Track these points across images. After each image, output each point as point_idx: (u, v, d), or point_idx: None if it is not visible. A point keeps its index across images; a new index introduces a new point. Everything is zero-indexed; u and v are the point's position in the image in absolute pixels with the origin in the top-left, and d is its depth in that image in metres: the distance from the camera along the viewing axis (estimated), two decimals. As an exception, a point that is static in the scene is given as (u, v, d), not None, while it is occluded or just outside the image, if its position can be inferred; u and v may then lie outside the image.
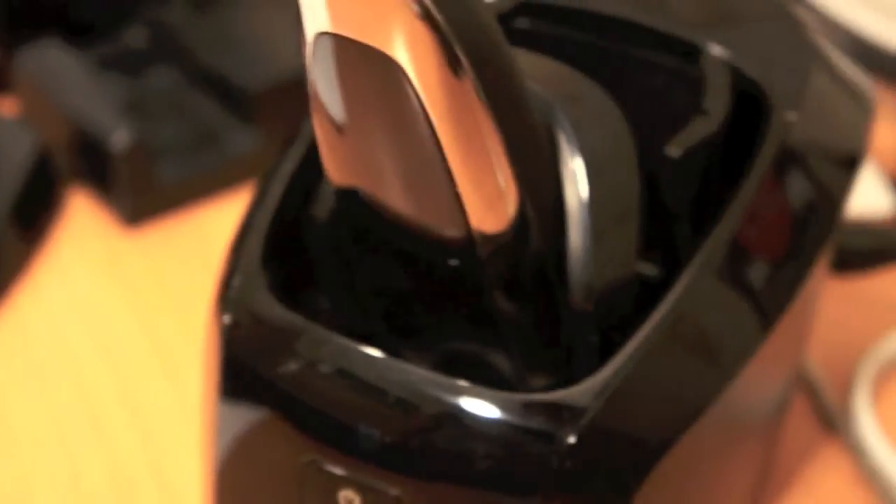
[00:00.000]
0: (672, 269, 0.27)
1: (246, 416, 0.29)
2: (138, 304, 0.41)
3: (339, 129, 0.25)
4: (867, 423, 0.37)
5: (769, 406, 0.32)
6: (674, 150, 0.28)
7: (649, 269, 0.30)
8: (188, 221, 0.45)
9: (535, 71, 0.27)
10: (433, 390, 0.26)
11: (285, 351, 0.27)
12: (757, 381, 0.29)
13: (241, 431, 0.29)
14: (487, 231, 0.25)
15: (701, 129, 0.29)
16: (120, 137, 0.43)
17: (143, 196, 0.44)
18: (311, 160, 0.30)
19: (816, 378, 0.39)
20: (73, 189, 0.46)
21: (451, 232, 0.25)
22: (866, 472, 0.37)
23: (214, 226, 0.45)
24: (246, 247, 0.29)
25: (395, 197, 0.25)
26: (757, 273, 0.28)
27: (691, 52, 0.31)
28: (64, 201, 0.46)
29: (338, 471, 0.27)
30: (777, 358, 0.30)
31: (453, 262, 0.26)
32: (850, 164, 0.31)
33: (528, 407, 0.26)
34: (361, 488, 0.27)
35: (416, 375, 0.26)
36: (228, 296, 0.29)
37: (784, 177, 0.29)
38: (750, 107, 0.30)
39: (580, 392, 0.26)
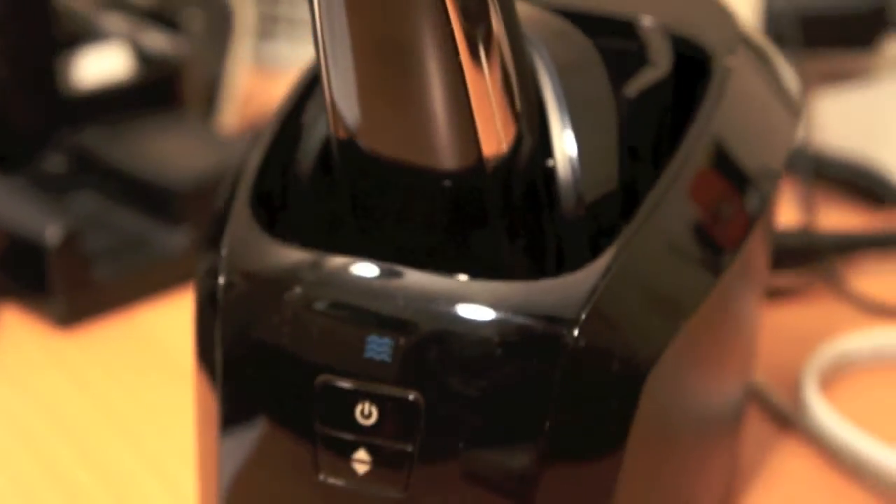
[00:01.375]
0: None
1: (252, 359, 0.28)
2: (71, 405, 0.41)
3: (353, 78, 0.26)
4: (822, 410, 0.38)
5: (734, 394, 0.34)
6: (630, 91, 0.30)
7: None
8: (123, 321, 0.45)
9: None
10: (442, 287, 0.27)
11: (288, 281, 0.28)
12: (734, 299, 0.31)
13: (249, 377, 0.28)
14: (495, 151, 0.27)
15: (650, 75, 0.31)
16: (54, 231, 0.43)
17: (78, 293, 0.44)
18: (285, 133, 0.31)
19: (765, 386, 0.41)
20: (4, 302, 0.46)
21: (458, 157, 0.27)
22: (828, 453, 0.38)
23: (150, 325, 0.45)
24: (233, 206, 0.30)
25: (403, 139, 0.27)
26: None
27: (628, 28, 0.34)
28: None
29: (352, 386, 0.27)
30: (746, 289, 0.32)
31: (447, 183, 0.27)
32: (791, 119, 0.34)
33: (537, 290, 0.27)
34: (377, 399, 0.27)
35: (424, 277, 0.27)
36: (221, 251, 0.29)
37: (731, 113, 0.31)
38: (690, 71, 0.33)
39: (584, 275, 0.27)
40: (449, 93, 0.25)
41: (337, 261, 0.28)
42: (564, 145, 0.28)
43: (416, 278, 0.27)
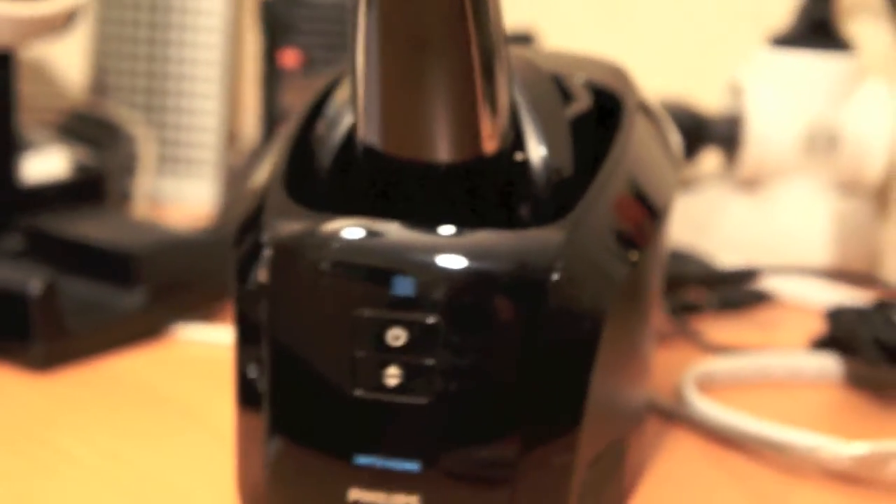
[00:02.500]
0: None
1: (297, 305, 0.36)
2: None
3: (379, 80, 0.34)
4: (701, 401, 0.48)
5: (652, 337, 0.43)
6: (568, 115, 0.40)
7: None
8: (95, 368, 0.51)
9: None
10: (451, 237, 0.35)
11: (327, 241, 0.36)
12: (649, 280, 0.40)
13: (294, 319, 0.36)
14: (491, 144, 0.36)
15: (577, 107, 0.41)
16: (37, 283, 0.49)
17: (56, 341, 0.50)
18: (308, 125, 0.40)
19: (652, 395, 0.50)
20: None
21: (463, 149, 0.35)
22: (706, 434, 0.47)
23: (121, 370, 0.51)
24: (269, 190, 0.38)
25: (421, 138, 0.35)
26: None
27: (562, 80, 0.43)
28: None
29: (384, 315, 0.35)
30: (653, 280, 0.41)
31: (451, 167, 0.36)
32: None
33: (524, 237, 0.35)
34: (404, 324, 0.35)
35: (438, 231, 0.35)
36: (264, 224, 0.37)
37: (639, 137, 0.41)
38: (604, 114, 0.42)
39: (558, 227, 0.36)
40: (461, 98, 0.34)
41: (366, 222, 0.36)
42: (536, 140, 0.37)
43: (430, 232, 0.35)
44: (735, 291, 0.63)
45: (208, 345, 0.55)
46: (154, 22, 0.83)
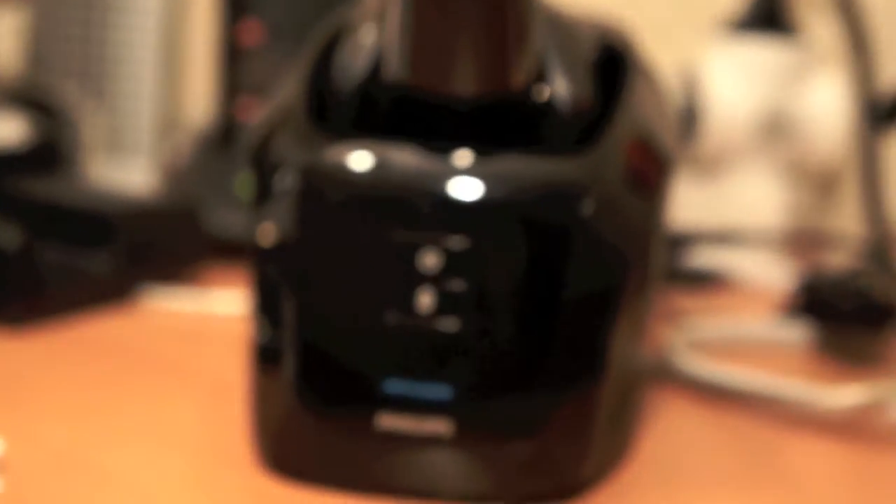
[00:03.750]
0: None
1: (326, 232, 0.35)
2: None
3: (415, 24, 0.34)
4: (694, 360, 0.48)
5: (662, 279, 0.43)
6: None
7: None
8: (72, 328, 0.50)
9: None
10: (483, 158, 0.35)
11: (358, 163, 0.35)
12: (662, 223, 0.40)
13: (323, 247, 0.35)
14: (519, 73, 0.35)
15: (589, 53, 0.41)
16: (14, 238, 0.48)
17: (34, 297, 0.48)
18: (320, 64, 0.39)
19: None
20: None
21: (492, 82, 0.35)
22: (695, 389, 0.47)
23: (93, 331, 0.50)
24: (289, 117, 0.37)
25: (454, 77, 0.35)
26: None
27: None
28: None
29: (417, 239, 0.34)
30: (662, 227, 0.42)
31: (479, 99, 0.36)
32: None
33: (559, 160, 0.36)
34: (439, 249, 0.34)
35: (470, 153, 0.35)
36: (290, 151, 0.36)
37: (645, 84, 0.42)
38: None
39: (591, 149, 0.36)
40: (492, 28, 0.34)
41: (399, 145, 0.35)
42: (560, 74, 0.38)
43: (464, 155, 0.35)
44: (689, 272, 0.65)
45: (185, 306, 0.54)
46: (89, 2, 0.82)
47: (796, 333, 0.55)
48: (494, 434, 0.35)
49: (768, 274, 0.66)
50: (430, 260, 0.34)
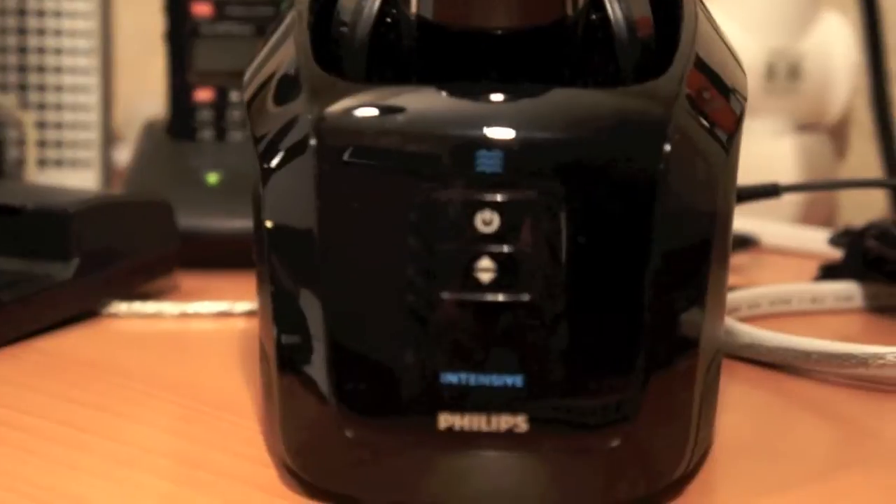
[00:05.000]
0: None
1: (355, 198, 0.29)
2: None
3: None
4: (747, 329, 0.43)
5: None
6: None
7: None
8: (29, 345, 0.43)
9: None
10: (545, 95, 0.29)
11: (390, 111, 0.29)
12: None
13: (353, 217, 0.29)
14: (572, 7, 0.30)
15: None
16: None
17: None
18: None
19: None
20: None
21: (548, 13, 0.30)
22: (760, 363, 0.42)
23: (55, 347, 0.43)
24: (302, 72, 0.31)
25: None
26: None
27: None
28: None
29: (471, 196, 0.28)
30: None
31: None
32: None
33: (626, 92, 0.30)
34: (498, 206, 0.28)
35: (525, 90, 0.29)
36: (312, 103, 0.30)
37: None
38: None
39: (663, 82, 0.30)
40: None
41: (439, 88, 0.29)
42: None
43: (519, 93, 0.29)
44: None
45: (153, 317, 0.47)
46: (24, 9, 0.75)
47: (840, 291, 0.49)
48: (578, 427, 0.29)
49: (792, 236, 0.60)
50: (489, 219, 0.28)
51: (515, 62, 0.31)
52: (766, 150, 0.66)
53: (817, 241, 0.57)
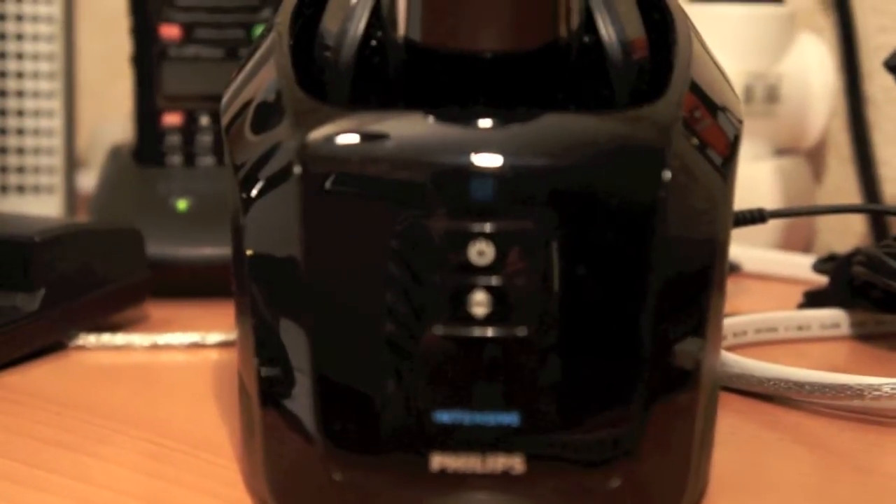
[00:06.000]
0: None
1: (341, 230, 0.28)
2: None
3: None
4: (736, 360, 0.42)
5: None
6: None
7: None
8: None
9: None
10: (539, 121, 0.28)
11: (376, 138, 0.28)
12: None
13: (339, 249, 0.28)
14: (564, 30, 0.30)
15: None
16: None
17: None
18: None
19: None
20: None
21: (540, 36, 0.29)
22: (748, 393, 0.40)
23: (19, 382, 0.41)
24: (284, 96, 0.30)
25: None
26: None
27: None
28: None
29: (463, 227, 0.27)
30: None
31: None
32: None
33: (626, 118, 0.29)
34: (491, 236, 0.27)
35: (518, 116, 0.28)
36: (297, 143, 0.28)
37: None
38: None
39: (661, 106, 0.29)
40: None
41: (420, 114, 0.28)
42: (608, 18, 0.30)
43: (512, 119, 0.28)
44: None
45: (122, 349, 0.46)
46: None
47: (826, 319, 0.49)
48: (576, 466, 0.27)
49: (773, 262, 0.60)
50: (482, 250, 0.27)
51: (506, 86, 0.30)
52: (745, 173, 0.65)
53: (800, 266, 0.56)
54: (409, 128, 0.28)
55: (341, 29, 0.31)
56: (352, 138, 0.28)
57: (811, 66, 0.64)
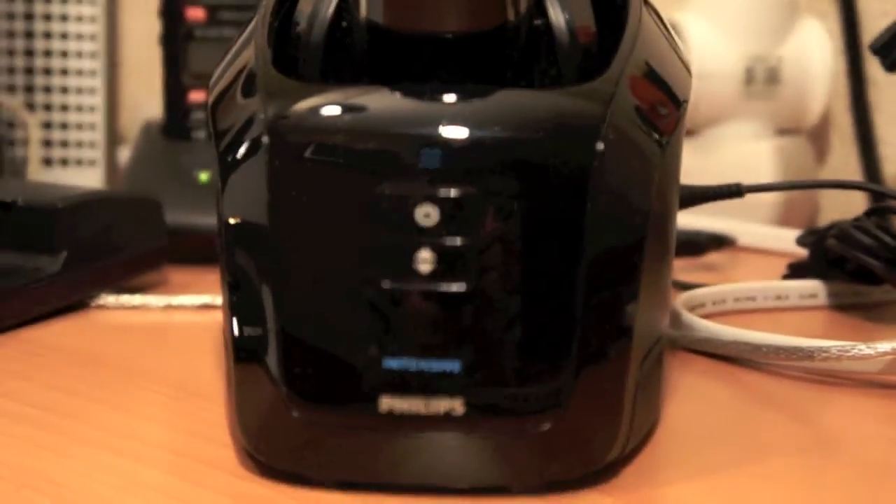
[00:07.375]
0: None
1: (305, 193, 0.31)
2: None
3: None
4: (700, 322, 0.44)
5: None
6: None
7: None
8: (18, 336, 0.45)
9: None
10: (486, 96, 0.31)
11: (338, 111, 0.31)
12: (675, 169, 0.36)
13: (303, 211, 0.31)
14: (514, 13, 0.32)
15: None
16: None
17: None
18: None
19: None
20: None
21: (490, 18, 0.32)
22: (717, 357, 0.43)
23: (45, 338, 0.45)
24: (258, 74, 0.33)
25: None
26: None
27: None
28: None
29: (412, 191, 0.30)
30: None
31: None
32: None
33: (563, 93, 0.31)
34: (437, 200, 0.30)
35: (467, 91, 0.31)
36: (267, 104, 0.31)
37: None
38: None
39: (600, 84, 0.32)
40: None
41: (384, 89, 0.31)
42: (556, 4, 0.33)
43: (461, 94, 0.31)
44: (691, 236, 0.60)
45: (139, 309, 0.49)
46: (31, 13, 0.77)
47: (805, 289, 0.51)
48: (511, 411, 0.30)
49: (767, 236, 0.62)
50: (428, 212, 0.30)
51: (462, 65, 0.33)
52: (746, 153, 0.67)
53: (789, 240, 0.58)
54: (369, 101, 0.31)
55: (313, 11, 0.34)
56: (316, 111, 0.31)
57: (811, 49, 0.66)
